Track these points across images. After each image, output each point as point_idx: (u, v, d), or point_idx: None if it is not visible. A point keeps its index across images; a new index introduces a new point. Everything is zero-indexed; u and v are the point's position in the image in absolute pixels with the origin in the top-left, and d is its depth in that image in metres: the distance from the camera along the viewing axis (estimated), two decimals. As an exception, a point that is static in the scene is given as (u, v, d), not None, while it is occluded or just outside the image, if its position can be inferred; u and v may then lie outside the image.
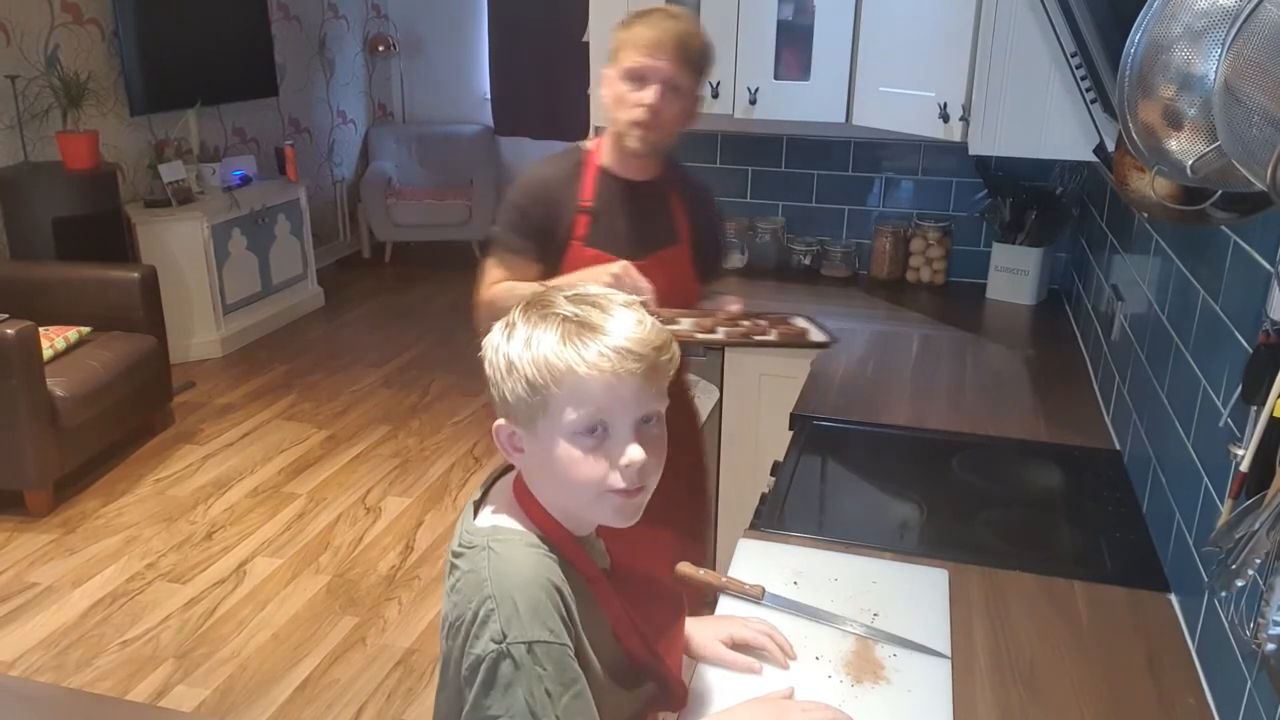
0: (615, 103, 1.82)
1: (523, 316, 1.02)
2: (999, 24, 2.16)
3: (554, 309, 1.01)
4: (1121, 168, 1.35)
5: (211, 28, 5.37)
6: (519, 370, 1.00)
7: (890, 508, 1.81)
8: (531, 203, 1.89)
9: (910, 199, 3.10)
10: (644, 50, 1.76)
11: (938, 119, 2.32)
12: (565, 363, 0.97)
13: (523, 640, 0.97)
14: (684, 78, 1.79)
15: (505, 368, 1.01)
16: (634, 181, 1.91)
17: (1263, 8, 0.79)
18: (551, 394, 0.98)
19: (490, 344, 1.04)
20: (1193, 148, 0.96)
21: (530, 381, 0.99)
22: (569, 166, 1.92)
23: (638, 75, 1.78)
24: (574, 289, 1.05)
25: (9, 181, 4.22)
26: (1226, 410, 1.24)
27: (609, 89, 1.83)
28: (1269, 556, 0.95)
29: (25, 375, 3.34)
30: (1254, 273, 1.20)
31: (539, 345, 0.99)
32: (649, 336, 1.00)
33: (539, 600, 0.99)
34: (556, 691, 0.97)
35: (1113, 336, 2.10)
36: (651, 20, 1.78)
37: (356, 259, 6.99)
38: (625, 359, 0.97)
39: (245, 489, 3.71)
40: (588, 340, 0.98)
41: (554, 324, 0.99)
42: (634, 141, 1.82)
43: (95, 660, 2.71)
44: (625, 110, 1.80)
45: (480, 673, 0.98)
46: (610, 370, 0.97)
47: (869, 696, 1.23)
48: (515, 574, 1.01)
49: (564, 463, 1.01)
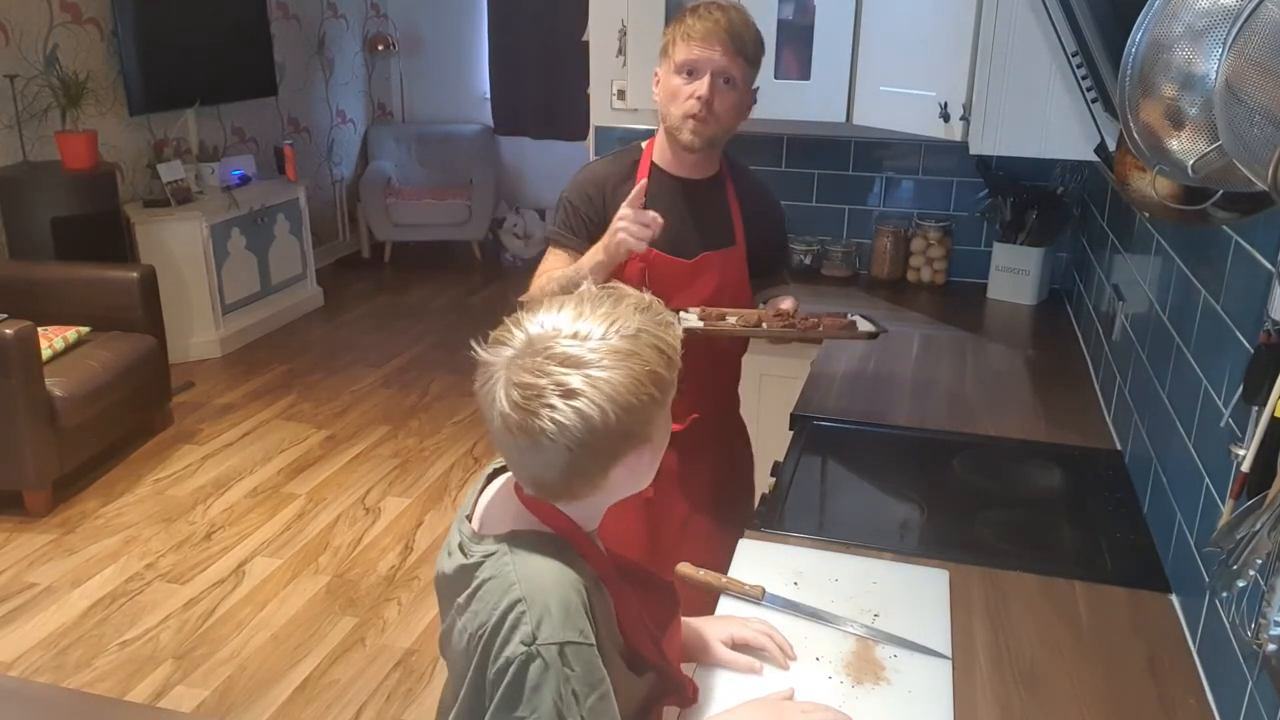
0: (668, 97, 1.79)
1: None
2: (1000, 23, 2.15)
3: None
4: (1123, 167, 1.35)
5: (210, 27, 5.36)
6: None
7: (891, 508, 1.81)
8: (584, 200, 1.88)
9: (911, 199, 3.10)
10: (696, 42, 1.74)
11: (938, 118, 2.32)
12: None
13: (554, 641, 0.97)
14: (737, 69, 1.77)
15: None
16: (688, 180, 1.88)
17: (1264, 7, 0.79)
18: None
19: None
20: (1194, 147, 0.95)
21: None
22: (624, 164, 1.90)
23: (690, 68, 1.76)
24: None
25: (8, 181, 4.22)
26: (1228, 410, 1.24)
27: (662, 85, 1.81)
28: (1270, 557, 0.95)
29: (24, 375, 3.34)
30: (1255, 272, 1.20)
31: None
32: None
33: (570, 601, 0.99)
34: (583, 692, 0.97)
35: (1114, 336, 2.10)
36: (702, 12, 1.77)
37: (356, 259, 6.98)
38: None
39: (245, 489, 3.71)
40: None
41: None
42: (688, 134, 1.78)
43: (94, 660, 2.71)
44: (678, 104, 1.77)
45: (509, 675, 0.97)
46: None
47: (869, 697, 1.23)
48: (543, 575, 1.01)
49: None
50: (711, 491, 2.01)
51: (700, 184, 1.89)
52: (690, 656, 1.28)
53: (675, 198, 1.86)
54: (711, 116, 1.77)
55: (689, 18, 1.78)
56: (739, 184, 1.94)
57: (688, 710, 1.20)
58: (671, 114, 1.79)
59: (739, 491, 2.13)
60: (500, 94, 6.84)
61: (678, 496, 1.95)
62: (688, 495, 1.97)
